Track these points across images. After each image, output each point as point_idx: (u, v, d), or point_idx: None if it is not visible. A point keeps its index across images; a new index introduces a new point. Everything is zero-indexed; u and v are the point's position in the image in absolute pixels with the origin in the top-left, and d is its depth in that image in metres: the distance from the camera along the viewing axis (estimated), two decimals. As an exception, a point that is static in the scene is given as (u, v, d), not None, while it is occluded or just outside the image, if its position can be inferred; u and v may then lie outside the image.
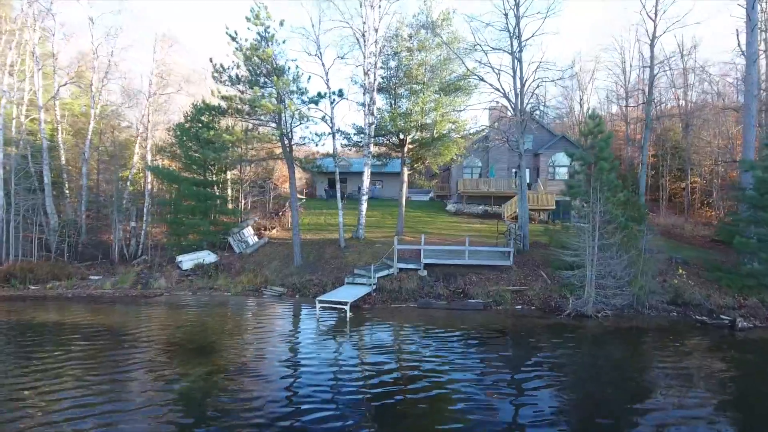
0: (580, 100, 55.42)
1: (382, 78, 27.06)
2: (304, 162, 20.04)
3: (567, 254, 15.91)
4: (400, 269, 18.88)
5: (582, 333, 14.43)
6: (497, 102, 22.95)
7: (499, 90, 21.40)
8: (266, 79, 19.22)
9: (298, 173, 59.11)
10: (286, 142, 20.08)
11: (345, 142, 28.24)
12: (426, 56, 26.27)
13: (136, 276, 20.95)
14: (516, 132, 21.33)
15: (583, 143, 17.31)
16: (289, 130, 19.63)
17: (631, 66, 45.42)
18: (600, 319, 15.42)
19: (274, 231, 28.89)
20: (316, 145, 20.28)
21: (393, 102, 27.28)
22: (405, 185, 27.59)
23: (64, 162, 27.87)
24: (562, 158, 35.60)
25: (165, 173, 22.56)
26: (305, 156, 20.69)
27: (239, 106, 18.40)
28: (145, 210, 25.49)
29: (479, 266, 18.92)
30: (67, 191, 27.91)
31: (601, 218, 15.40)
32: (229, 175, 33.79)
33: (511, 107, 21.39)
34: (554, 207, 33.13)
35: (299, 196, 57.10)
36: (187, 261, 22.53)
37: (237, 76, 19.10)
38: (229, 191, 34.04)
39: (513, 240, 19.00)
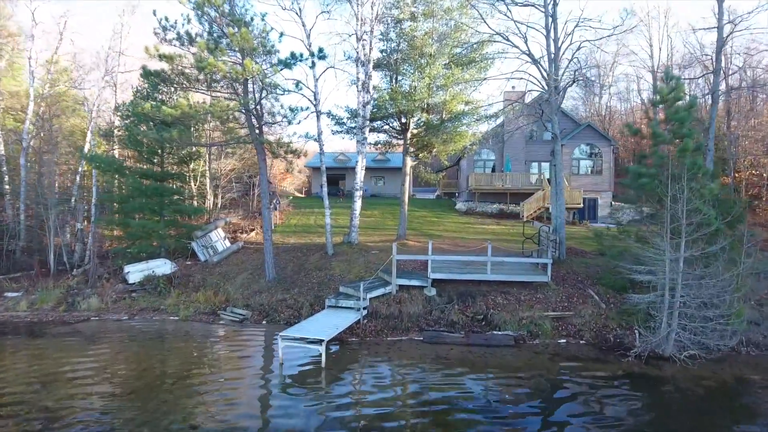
0: (600, 89, 50.63)
1: (381, 52, 22.46)
2: (274, 146, 15.46)
3: (638, 271, 11.20)
4: (401, 286, 14.25)
5: (665, 390, 9.73)
6: (524, 71, 18.19)
7: (526, 54, 16.71)
8: (229, 40, 14.64)
9: (298, 169, 54.60)
10: (254, 120, 15.47)
11: (337, 128, 23.63)
12: (433, 24, 21.65)
13: (65, 292, 16.48)
14: (549, 108, 16.67)
15: (650, 116, 12.66)
16: (256, 102, 15.02)
17: (660, 48, 40.75)
18: (686, 363, 10.71)
19: (252, 234, 24.39)
20: (290, 123, 15.68)
21: (393, 78, 22.64)
22: (408, 179, 22.97)
23: (2, 152, 23.49)
24: (582, 150, 31.07)
25: (106, 162, 18.05)
26: (276, 140, 16.01)
27: (186, 70, 13.86)
28: (93, 209, 21.01)
29: (505, 283, 14.25)
30: (7, 186, 23.53)
31: (686, 220, 10.70)
32: (207, 168, 29.35)
33: (544, 77, 16.71)
34: (581, 204, 28.56)
35: (296, 193, 52.85)
36: (135, 272, 18.02)
37: (188, 33, 14.54)
38: (208, 188, 29.57)
39: (550, 248, 14.31)
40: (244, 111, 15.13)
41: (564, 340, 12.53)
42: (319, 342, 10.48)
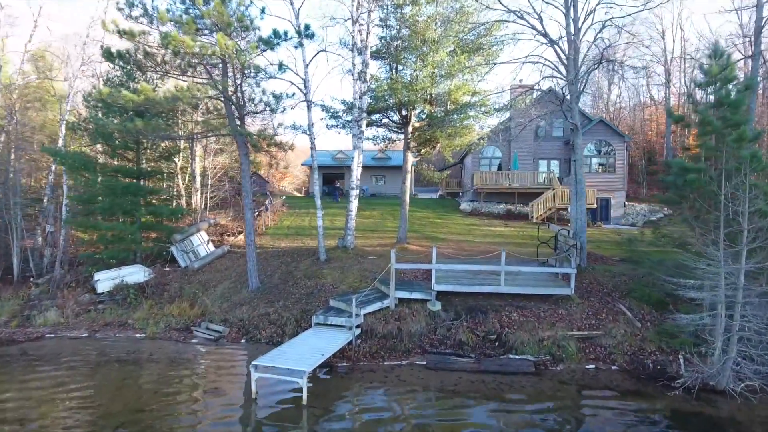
0: (609, 84, 48.63)
1: (380, 39, 20.56)
2: (255, 138, 13.58)
3: (685, 285, 9.28)
4: (400, 300, 12.34)
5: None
6: (539, 55, 16.18)
7: (542, 35, 14.79)
8: (200, 14, 12.73)
9: (297, 168, 52.69)
10: (233, 109, 13.57)
11: (332, 122, 21.72)
12: (436, 9, 19.74)
13: (23, 304, 14.64)
14: (569, 96, 14.75)
15: (698, 98, 10.76)
16: (235, 88, 13.11)
17: (673, 40, 38.81)
18: (747, 398, 8.77)
19: (240, 236, 22.50)
20: (274, 111, 13.77)
21: (393, 68, 20.71)
22: (409, 177, 21.06)
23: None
24: (594, 147, 29.15)
25: (72, 158, 16.20)
26: (259, 131, 14.08)
27: (153, 50, 11.99)
28: (63, 210, 19.14)
29: (522, 296, 12.34)
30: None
31: (748, 224, 8.77)
32: (197, 166, 27.46)
33: (562, 61, 14.78)
34: (594, 205, 26.65)
35: (295, 192, 50.92)
36: (104, 280, 16.19)
37: (157, 9, 12.67)
38: (198, 186, 27.67)
39: (573, 255, 12.38)
40: (222, 98, 13.23)
41: (593, 365, 10.62)
42: (300, 374, 8.58)
